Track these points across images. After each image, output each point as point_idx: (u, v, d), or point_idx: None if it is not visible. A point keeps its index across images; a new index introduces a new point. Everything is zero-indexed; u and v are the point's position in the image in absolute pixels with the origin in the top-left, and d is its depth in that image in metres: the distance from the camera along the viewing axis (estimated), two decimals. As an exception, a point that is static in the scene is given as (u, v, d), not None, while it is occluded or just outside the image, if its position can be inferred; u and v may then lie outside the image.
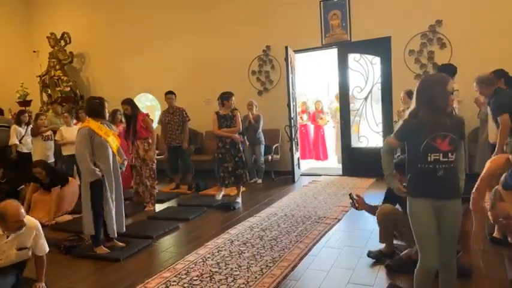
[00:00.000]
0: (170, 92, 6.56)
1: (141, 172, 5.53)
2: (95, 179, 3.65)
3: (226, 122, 5.45)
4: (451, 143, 2.10)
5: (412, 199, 2.20)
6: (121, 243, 3.95)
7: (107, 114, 3.97)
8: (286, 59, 6.71)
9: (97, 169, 3.66)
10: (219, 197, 5.66)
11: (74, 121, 6.82)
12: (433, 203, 2.14)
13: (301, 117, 9.41)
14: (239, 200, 5.51)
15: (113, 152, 3.84)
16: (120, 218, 3.97)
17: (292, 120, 6.84)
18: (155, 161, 5.68)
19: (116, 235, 3.87)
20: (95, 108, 3.85)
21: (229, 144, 5.42)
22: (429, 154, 2.11)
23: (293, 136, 6.85)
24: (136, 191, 5.62)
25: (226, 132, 5.41)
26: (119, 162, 3.95)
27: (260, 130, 6.95)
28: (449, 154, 2.10)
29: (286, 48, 6.67)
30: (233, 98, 5.55)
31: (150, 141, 5.52)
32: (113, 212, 3.79)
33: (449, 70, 4.88)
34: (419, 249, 2.23)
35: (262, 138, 6.99)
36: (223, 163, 5.42)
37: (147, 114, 5.82)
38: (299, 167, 7.36)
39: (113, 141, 3.84)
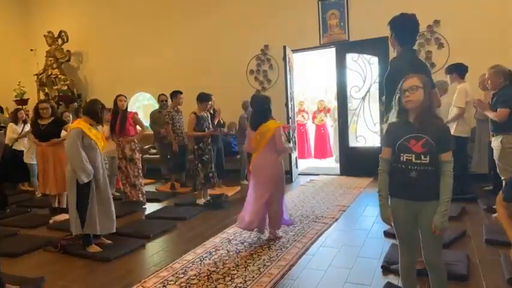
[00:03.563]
0: (180, 92, 6.48)
1: (126, 172, 5.51)
2: (88, 180, 3.63)
3: (206, 123, 5.48)
4: (425, 146, 2.09)
5: (391, 198, 2.24)
6: (108, 241, 3.95)
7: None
8: (284, 59, 6.70)
9: (90, 169, 3.64)
10: (202, 201, 5.47)
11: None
12: (409, 203, 2.16)
13: (302, 116, 9.43)
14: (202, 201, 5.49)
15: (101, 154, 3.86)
16: (108, 219, 3.89)
17: (290, 120, 6.83)
18: (140, 159, 5.74)
19: (97, 233, 3.82)
20: (95, 111, 3.86)
21: (210, 141, 5.47)
22: (402, 154, 2.13)
23: (291, 135, 6.85)
24: (124, 191, 5.60)
25: (206, 133, 5.39)
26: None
27: None
28: (422, 156, 2.09)
29: (285, 47, 6.67)
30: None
31: (136, 140, 5.56)
32: (96, 212, 3.75)
33: (461, 69, 4.91)
34: (398, 243, 2.31)
35: None
36: (207, 164, 5.40)
37: (136, 113, 5.81)
38: (297, 167, 7.36)
39: (100, 144, 3.86)
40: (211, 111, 6.20)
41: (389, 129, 2.23)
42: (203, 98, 5.47)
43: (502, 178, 4.13)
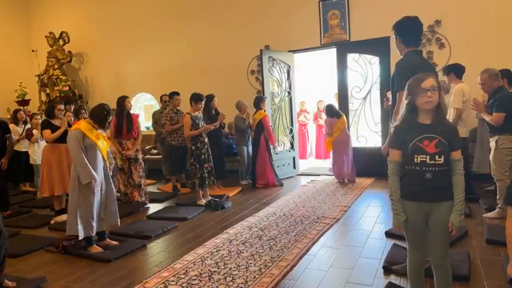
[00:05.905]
0: (177, 93, 6.47)
1: (129, 173, 5.51)
2: (90, 180, 3.64)
3: (201, 122, 5.47)
4: (438, 146, 2.06)
5: (403, 200, 2.20)
6: (114, 242, 3.95)
7: (106, 126, 3.95)
8: (261, 63, 6.62)
9: (93, 172, 3.64)
10: (203, 202, 5.46)
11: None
12: (422, 205, 2.14)
13: (304, 116, 9.43)
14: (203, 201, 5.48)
15: (102, 155, 3.84)
16: (101, 218, 3.91)
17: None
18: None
19: (92, 233, 3.81)
20: (97, 116, 3.86)
21: (207, 140, 5.48)
22: (416, 156, 2.10)
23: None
24: (125, 192, 5.59)
25: (202, 129, 5.38)
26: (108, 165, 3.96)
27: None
28: (437, 157, 2.06)
29: (261, 51, 6.64)
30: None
31: (139, 141, 5.60)
32: (92, 213, 3.75)
33: (458, 70, 4.91)
34: (407, 244, 2.30)
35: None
36: (203, 164, 5.40)
37: (138, 115, 5.82)
38: (295, 167, 7.36)
39: (103, 145, 3.86)
40: (213, 112, 6.21)
41: (397, 132, 2.20)
42: (197, 98, 5.48)
43: (495, 179, 4.19)
